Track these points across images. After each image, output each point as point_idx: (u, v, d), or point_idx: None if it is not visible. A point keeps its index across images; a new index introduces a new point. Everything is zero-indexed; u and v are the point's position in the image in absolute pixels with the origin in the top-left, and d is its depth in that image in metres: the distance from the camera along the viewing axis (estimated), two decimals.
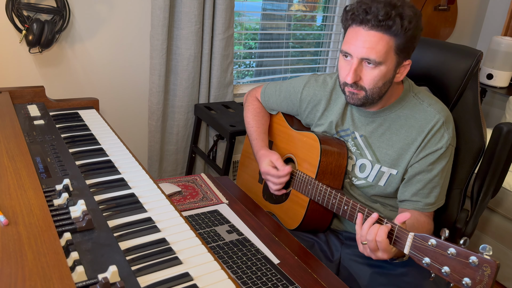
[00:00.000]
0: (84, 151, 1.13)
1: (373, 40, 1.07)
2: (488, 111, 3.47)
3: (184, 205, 1.31)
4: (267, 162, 1.37)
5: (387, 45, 1.08)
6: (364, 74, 1.12)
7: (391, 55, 1.09)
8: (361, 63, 1.11)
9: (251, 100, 1.56)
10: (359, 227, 1.04)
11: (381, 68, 1.10)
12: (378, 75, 1.11)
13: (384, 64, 1.10)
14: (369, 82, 1.12)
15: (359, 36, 1.09)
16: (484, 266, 0.79)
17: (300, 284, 1.01)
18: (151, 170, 2.34)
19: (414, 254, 0.92)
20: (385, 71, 1.11)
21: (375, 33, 1.07)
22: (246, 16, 2.59)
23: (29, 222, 0.73)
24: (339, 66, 1.18)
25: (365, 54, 1.08)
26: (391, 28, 1.06)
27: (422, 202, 1.19)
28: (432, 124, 1.18)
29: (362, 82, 1.12)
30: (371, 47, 1.07)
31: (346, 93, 1.17)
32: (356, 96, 1.15)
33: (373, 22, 1.06)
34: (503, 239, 2.20)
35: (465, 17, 3.41)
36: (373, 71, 1.10)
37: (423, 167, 1.18)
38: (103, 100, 2.11)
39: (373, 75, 1.11)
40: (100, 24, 2.02)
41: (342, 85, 1.18)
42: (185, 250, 0.81)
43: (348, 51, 1.11)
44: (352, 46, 1.10)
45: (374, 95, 1.14)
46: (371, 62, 1.09)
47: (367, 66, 1.10)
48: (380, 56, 1.08)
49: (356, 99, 1.16)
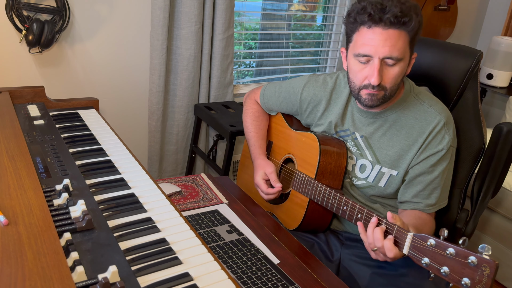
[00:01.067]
0: (84, 151, 1.13)
1: (393, 38, 1.07)
2: (488, 111, 3.47)
3: (184, 205, 1.31)
4: (260, 174, 1.39)
5: (405, 41, 1.08)
6: (386, 74, 1.11)
7: (407, 50, 1.11)
8: (381, 63, 1.10)
9: (250, 103, 1.56)
10: (364, 235, 1.03)
11: (400, 64, 1.10)
12: (399, 72, 1.11)
13: (403, 60, 1.10)
14: (391, 80, 1.11)
15: (378, 35, 1.07)
16: (483, 266, 0.79)
17: (300, 284, 1.01)
18: (151, 170, 2.34)
19: (413, 254, 0.92)
20: (404, 67, 1.12)
21: (393, 31, 1.07)
22: (246, 16, 2.59)
23: (29, 222, 0.73)
24: (354, 70, 1.15)
25: (387, 53, 1.07)
26: (408, 24, 1.07)
27: (422, 203, 1.19)
28: (433, 125, 1.17)
29: (384, 83, 1.11)
30: (393, 45, 1.07)
31: (363, 96, 1.15)
32: (375, 97, 1.13)
33: (392, 19, 1.05)
34: (503, 239, 2.20)
35: (465, 17, 3.41)
36: (393, 69, 1.10)
37: (424, 168, 1.18)
38: (103, 100, 2.11)
39: (394, 73, 1.10)
40: (100, 24, 2.02)
41: (357, 89, 1.15)
42: (185, 250, 0.81)
43: (368, 53, 1.09)
44: (372, 47, 1.08)
45: (392, 93, 1.14)
46: (393, 60, 1.08)
47: (388, 65, 1.10)
48: (401, 53, 1.08)
49: (375, 100, 1.14)
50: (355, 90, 1.17)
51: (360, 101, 1.17)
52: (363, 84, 1.13)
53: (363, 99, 1.15)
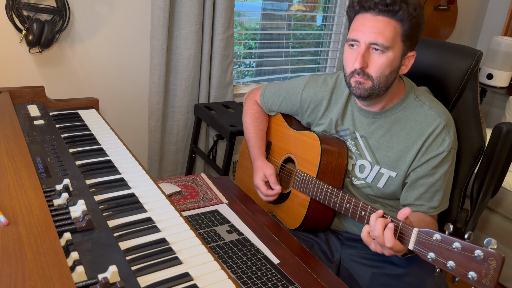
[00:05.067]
0: (84, 151, 1.13)
1: (381, 25, 1.09)
2: (488, 111, 3.47)
3: (184, 205, 1.31)
4: (260, 176, 1.39)
5: (394, 30, 1.09)
6: (371, 61, 1.12)
7: (398, 41, 1.11)
8: (368, 50, 1.11)
9: (250, 104, 1.56)
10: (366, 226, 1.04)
11: (388, 54, 1.10)
12: (386, 61, 1.11)
13: (392, 50, 1.11)
14: (377, 69, 1.12)
15: (366, 21, 1.10)
16: (489, 260, 0.80)
17: (300, 284, 1.01)
18: (151, 170, 2.34)
19: (419, 249, 0.92)
20: (392, 58, 1.12)
21: (382, 18, 1.09)
22: (246, 16, 2.59)
23: (29, 222, 0.73)
24: (345, 57, 1.17)
25: (373, 39, 1.09)
26: (398, 13, 1.08)
27: (425, 206, 1.19)
28: (433, 127, 1.17)
29: (369, 70, 1.12)
30: (379, 32, 1.09)
31: (352, 84, 1.16)
32: (362, 86, 1.14)
33: (380, 7, 1.08)
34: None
35: (465, 17, 3.41)
36: (380, 57, 1.11)
37: (425, 171, 1.18)
38: (103, 100, 2.11)
39: (380, 62, 1.11)
40: (100, 24, 2.02)
41: (348, 77, 1.17)
42: (185, 250, 0.81)
43: (356, 37, 1.12)
44: (360, 32, 1.11)
45: (381, 84, 1.14)
46: (379, 47, 1.09)
47: (375, 53, 1.11)
48: (388, 40, 1.09)
49: (362, 89, 1.15)
50: (346, 78, 1.18)
51: (351, 91, 1.19)
52: (351, 70, 1.15)
53: (352, 87, 1.17)
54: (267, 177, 1.39)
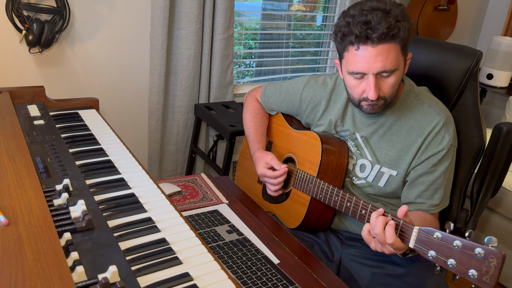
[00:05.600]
0: (84, 151, 1.13)
1: (384, 52, 1.06)
2: (488, 111, 3.47)
3: (184, 205, 1.31)
4: (262, 165, 1.38)
5: (396, 51, 1.07)
6: (382, 85, 1.11)
7: (401, 58, 1.10)
8: (376, 77, 1.09)
9: (251, 101, 1.57)
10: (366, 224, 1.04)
11: (396, 74, 1.10)
12: (395, 81, 1.11)
13: (398, 69, 1.10)
14: (388, 90, 1.12)
15: (368, 53, 1.06)
16: (490, 257, 0.80)
17: (300, 284, 1.01)
18: (151, 170, 2.34)
19: (419, 247, 0.92)
20: (400, 75, 1.12)
21: (383, 45, 1.05)
22: (246, 16, 2.59)
23: (29, 222, 0.73)
24: (350, 86, 1.15)
25: (381, 68, 1.07)
26: (397, 36, 1.05)
27: (426, 204, 1.19)
28: (433, 125, 1.18)
29: (382, 93, 1.12)
30: (385, 59, 1.06)
31: (364, 106, 1.15)
32: (376, 106, 1.14)
33: (380, 37, 1.04)
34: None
35: (465, 17, 3.41)
36: (389, 79, 1.10)
37: (426, 169, 1.18)
38: (103, 100, 2.11)
39: (391, 83, 1.11)
40: (100, 24, 2.02)
41: (357, 101, 1.16)
42: (185, 250, 0.81)
43: (362, 70, 1.09)
44: (364, 64, 1.07)
45: (392, 98, 1.15)
46: (387, 72, 1.08)
47: (384, 78, 1.10)
48: (394, 64, 1.08)
49: (376, 109, 1.15)
50: (355, 102, 1.17)
51: (362, 110, 1.18)
52: (362, 97, 1.14)
53: (364, 108, 1.16)
54: (269, 163, 1.37)
